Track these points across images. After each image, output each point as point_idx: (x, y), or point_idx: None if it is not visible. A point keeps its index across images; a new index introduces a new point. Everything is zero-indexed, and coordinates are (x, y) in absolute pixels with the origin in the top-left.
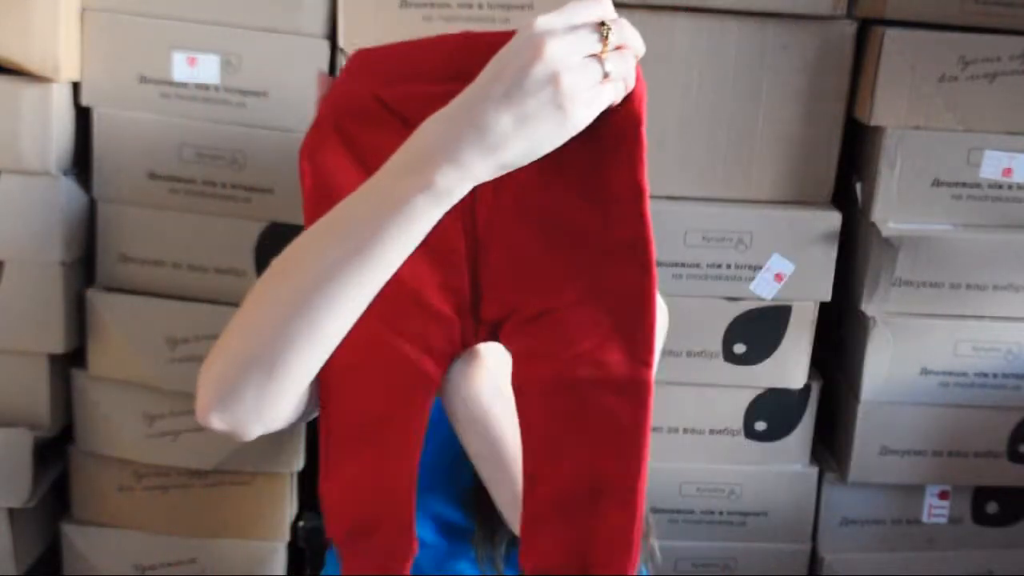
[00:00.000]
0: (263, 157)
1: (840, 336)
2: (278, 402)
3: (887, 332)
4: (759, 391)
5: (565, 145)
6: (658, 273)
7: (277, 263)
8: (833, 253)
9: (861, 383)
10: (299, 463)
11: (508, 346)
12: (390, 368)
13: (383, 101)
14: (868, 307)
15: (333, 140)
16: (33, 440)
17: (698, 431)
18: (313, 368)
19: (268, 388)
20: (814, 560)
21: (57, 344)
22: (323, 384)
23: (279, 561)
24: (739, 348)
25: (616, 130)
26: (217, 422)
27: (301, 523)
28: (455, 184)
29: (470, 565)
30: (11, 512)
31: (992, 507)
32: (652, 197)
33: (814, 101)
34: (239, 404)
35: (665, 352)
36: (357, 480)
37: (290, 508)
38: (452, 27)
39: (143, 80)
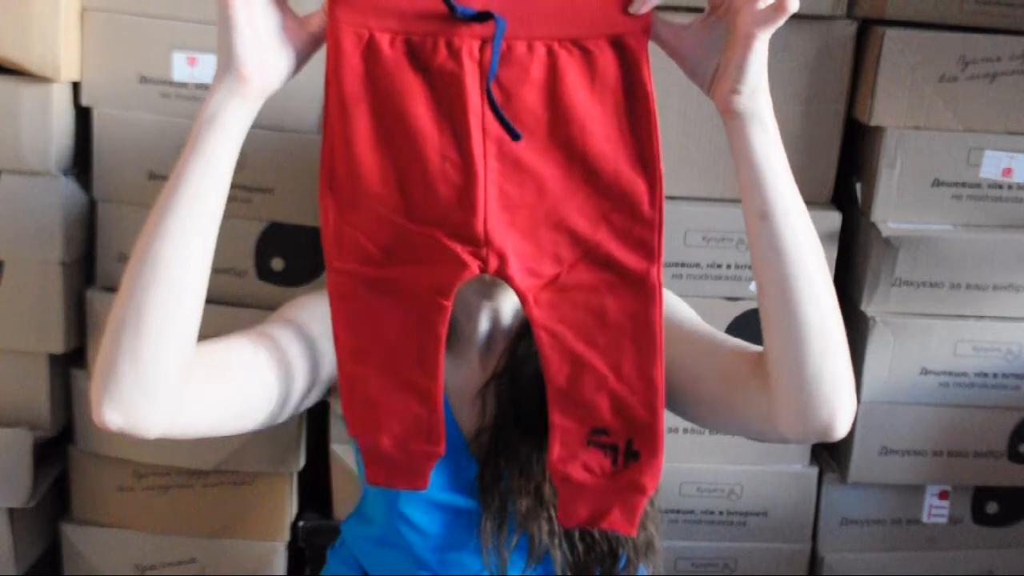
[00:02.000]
0: (263, 157)
1: None
2: (156, 367)
3: (887, 332)
4: None
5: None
6: None
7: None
8: (833, 253)
9: (861, 383)
10: (299, 463)
11: (517, 266)
12: (412, 300)
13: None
14: (868, 307)
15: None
16: (33, 440)
17: (698, 431)
18: (175, 310)
19: (140, 348)
20: (814, 560)
21: (57, 344)
22: (341, 320)
23: (279, 561)
24: None
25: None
26: (110, 413)
27: (301, 523)
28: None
29: (472, 556)
30: (11, 512)
31: (992, 507)
32: None
33: (814, 101)
34: (121, 380)
35: None
36: (384, 396)
37: (290, 508)
38: None
39: (143, 80)
